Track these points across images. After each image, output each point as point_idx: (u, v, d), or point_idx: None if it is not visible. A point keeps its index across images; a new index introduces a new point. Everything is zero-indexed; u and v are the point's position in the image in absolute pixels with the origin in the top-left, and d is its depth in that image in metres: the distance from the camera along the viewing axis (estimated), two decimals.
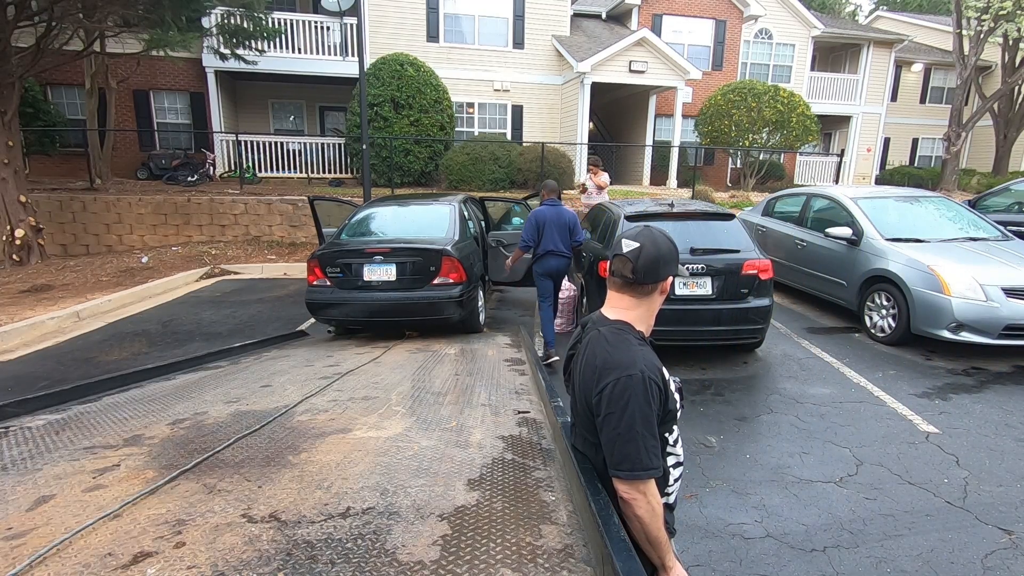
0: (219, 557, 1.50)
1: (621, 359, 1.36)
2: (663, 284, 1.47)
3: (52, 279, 8.35)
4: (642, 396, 1.32)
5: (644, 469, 1.32)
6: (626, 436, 1.32)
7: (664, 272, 1.44)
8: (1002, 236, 6.14)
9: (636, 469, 1.31)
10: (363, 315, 5.42)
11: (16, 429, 2.61)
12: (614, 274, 1.47)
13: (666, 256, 1.43)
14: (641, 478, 1.32)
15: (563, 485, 1.94)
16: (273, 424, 2.65)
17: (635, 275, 1.42)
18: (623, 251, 1.43)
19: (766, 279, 5.05)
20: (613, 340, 1.40)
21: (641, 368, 1.34)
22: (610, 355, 1.37)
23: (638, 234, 1.44)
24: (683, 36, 16.96)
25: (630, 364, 1.34)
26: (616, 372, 1.34)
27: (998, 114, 18.83)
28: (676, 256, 1.46)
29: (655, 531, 1.35)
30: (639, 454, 1.31)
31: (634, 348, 1.39)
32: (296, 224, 11.11)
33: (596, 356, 1.40)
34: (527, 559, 1.48)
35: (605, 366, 1.36)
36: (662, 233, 1.46)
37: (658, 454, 1.34)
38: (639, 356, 1.37)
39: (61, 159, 13.58)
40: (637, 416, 1.32)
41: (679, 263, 1.48)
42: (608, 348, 1.39)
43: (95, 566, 1.47)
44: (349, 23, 13.77)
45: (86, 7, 8.72)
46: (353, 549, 1.54)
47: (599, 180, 9.06)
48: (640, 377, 1.33)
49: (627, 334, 1.42)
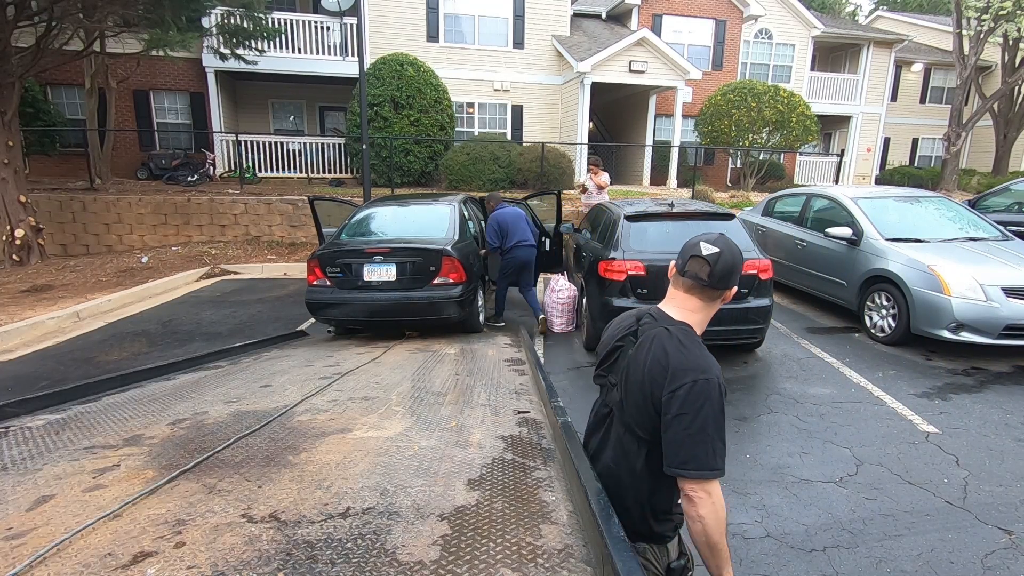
0: (219, 557, 1.50)
1: (698, 362, 1.38)
2: (728, 293, 1.49)
3: (52, 279, 8.36)
4: (717, 401, 1.36)
5: (711, 469, 1.35)
6: (698, 437, 1.35)
7: (734, 280, 1.47)
8: (1002, 236, 6.14)
9: (703, 468, 1.35)
10: (363, 315, 5.42)
11: (16, 429, 2.61)
12: (686, 275, 1.48)
13: (739, 265, 1.47)
14: (707, 478, 1.35)
15: (563, 485, 1.94)
16: (273, 424, 2.65)
17: (710, 279, 1.44)
18: (702, 253, 1.45)
19: (766, 279, 5.05)
20: (687, 342, 1.42)
21: (717, 374, 1.38)
22: (686, 356, 1.39)
23: (716, 240, 1.47)
24: (683, 36, 16.96)
25: (707, 368, 1.38)
26: (693, 374, 1.36)
27: (998, 114, 18.83)
28: (742, 268, 1.50)
29: (716, 536, 1.37)
30: (708, 455, 1.35)
31: (707, 352, 1.42)
32: (296, 224, 11.12)
33: (668, 355, 1.41)
34: (527, 559, 1.48)
35: (681, 367, 1.38)
36: (735, 243, 1.50)
37: (724, 457, 1.38)
38: (714, 361, 1.41)
39: (61, 159, 13.58)
40: (710, 419, 1.35)
41: (740, 276, 1.53)
42: (683, 349, 1.41)
43: (95, 566, 1.47)
44: (349, 23, 13.78)
45: (86, 7, 8.72)
46: (353, 549, 1.54)
47: (599, 180, 9.08)
48: (716, 382, 1.37)
49: (696, 337, 1.45)
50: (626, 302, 4.97)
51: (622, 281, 4.98)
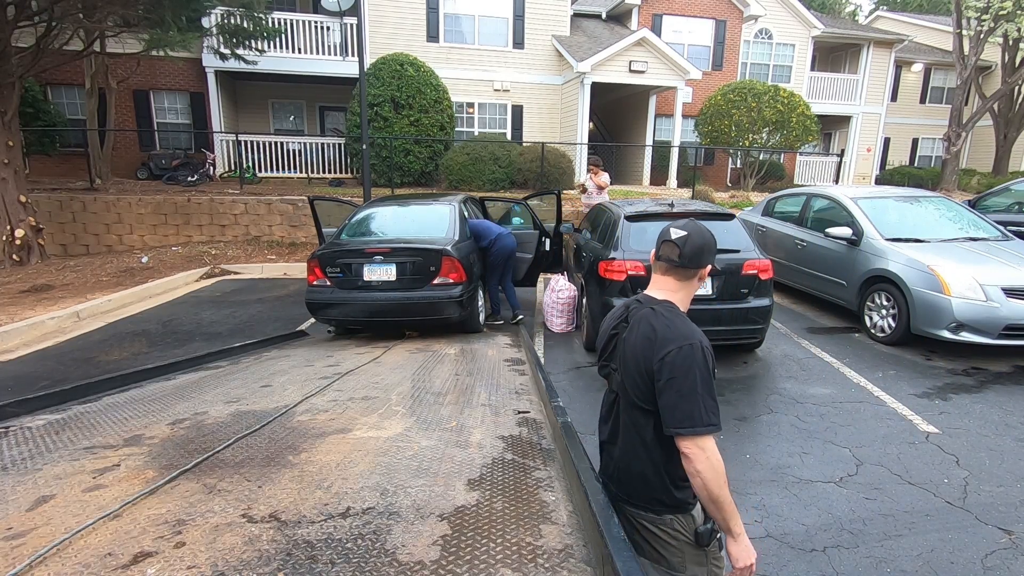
0: (219, 557, 1.50)
1: (681, 330, 1.50)
2: (702, 271, 1.61)
3: (52, 279, 8.35)
4: (702, 362, 1.47)
5: (704, 425, 1.44)
6: (689, 397, 1.44)
7: (705, 260, 1.59)
8: (1002, 236, 6.14)
9: (697, 425, 1.43)
10: (363, 315, 5.42)
11: (16, 429, 2.61)
12: (661, 258, 1.63)
13: (708, 246, 1.59)
14: (701, 433, 1.43)
15: (563, 485, 1.94)
16: (273, 424, 2.65)
17: (680, 259, 1.57)
18: (671, 237, 1.59)
19: (766, 279, 5.05)
20: (669, 315, 1.55)
21: (699, 338, 1.50)
22: (669, 327, 1.51)
23: (685, 224, 1.61)
24: (683, 36, 16.96)
25: (690, 335, 1.49)
26: (678, 341, 1.48)
27: (998, 114, 18.83)
28: (715, 249, 1.61)
29: (716, 489, 1.44)
30: (700, 412, 1.44)
31: (690, 323, 1.55)
32: (296, 224, 11.11)
33: (655, 329, 1.53)
34: (527, 559, 1.48)
35: (666, 337, 1.50)
36: (705, 227, 1.62)
37: (717, 413, 1.46)
38: (696, 329, 1.53)
39: (61, 159, 13.58)
40: (698, 379, 1.45)
41: (714, 256, 1.62)
42: (666, 321, 1.53)
43: (95, 566, 1.47)
44: (349, 23, 13.77)
45: (86, 7, 8.72)
46: (353, 549, 1.54)
47: (599, 180, 9.07)
48: (699, 346, 1.48)
49: (680, 312, 1.59)
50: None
51: (622, 281, 4.98)
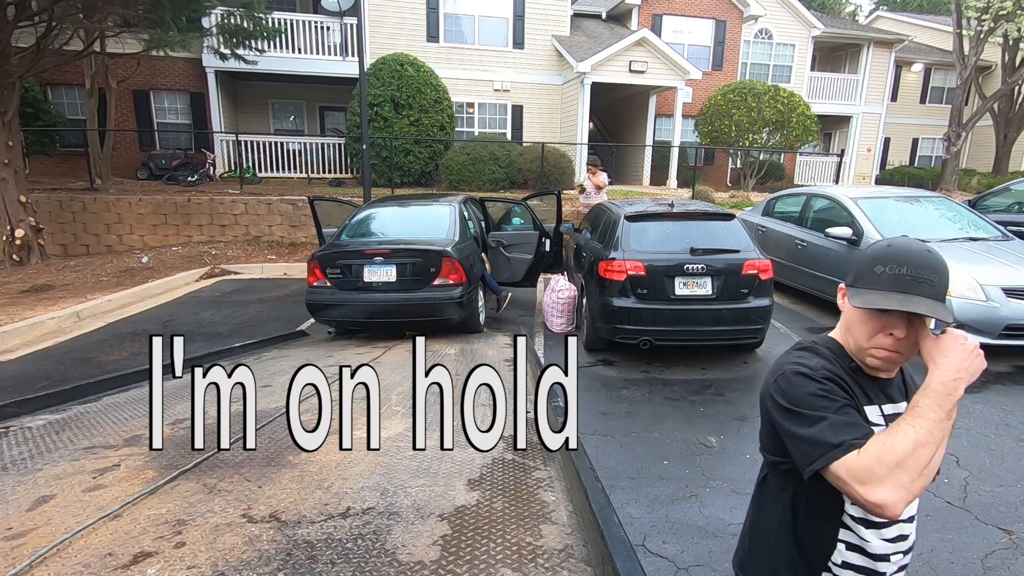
0: (219, 557, 1.50)
1: (782, 360, 1.26)
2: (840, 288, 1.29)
3: (52, 279, 8.35)
4: (800, 382, 1.16)
5: (834, 447, 1.06)
6: (800, 423, 1.12)
7: (856, 278, 1.20)
8: (1002, 236, 6.13)
9: (826, 451, 1.07)
10: (363, 316, 5.42)
11: (16, 429, 2.61)
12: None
13: (858, 261, 1.21)
14: (836, 458, 1.05)
15: (563, 485, 1.94)
16: (273, 424, 2.65)
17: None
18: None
19: (766, 279, 5.04)
20: (791, 349, 1.30)
21: (792, 362, 1.21)
22: (777, 361, 1.28)
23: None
24: (683, 36, 16.95)
25: (787, 362, 1.23)
26: (775, 373, 1.23)
27: (998, 114, 18.82)
28: (874, 267, 1.16)
29: (929, 423, 1.01)
30: (823, 436, 1.08)
31: (803, 352, 1.25)
32: (296, 224, 11.11)
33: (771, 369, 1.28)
34: (527, 559, 1.48)
35: (770, 371, 1.27)
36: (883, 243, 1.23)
37: (842, 430, 1.07)
38: (800, 356, 1.23)
39: (61, 159, 13.58)
40: (804, 404, 1.13)
41: (874, 275, 1.16)
42: (782, 356, 1.29)
43: (95, 566, 1.47)
44: (349, 23, 13.77)
45: (86, 7, 8.72)
46: (353, 549, 1.54)
47: (597, 180, 9.06)
48: (793, 368, 1.19)
49: (811, 344, 1.28)
50: (626, 302, 4.96)
51: (622, 281, 4.98)
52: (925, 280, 1.10)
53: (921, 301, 1.09)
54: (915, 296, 1.09)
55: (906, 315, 1.11)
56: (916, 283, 1.10)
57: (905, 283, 1.11)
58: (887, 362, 1.17)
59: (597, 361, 5.29)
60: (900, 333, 1.12)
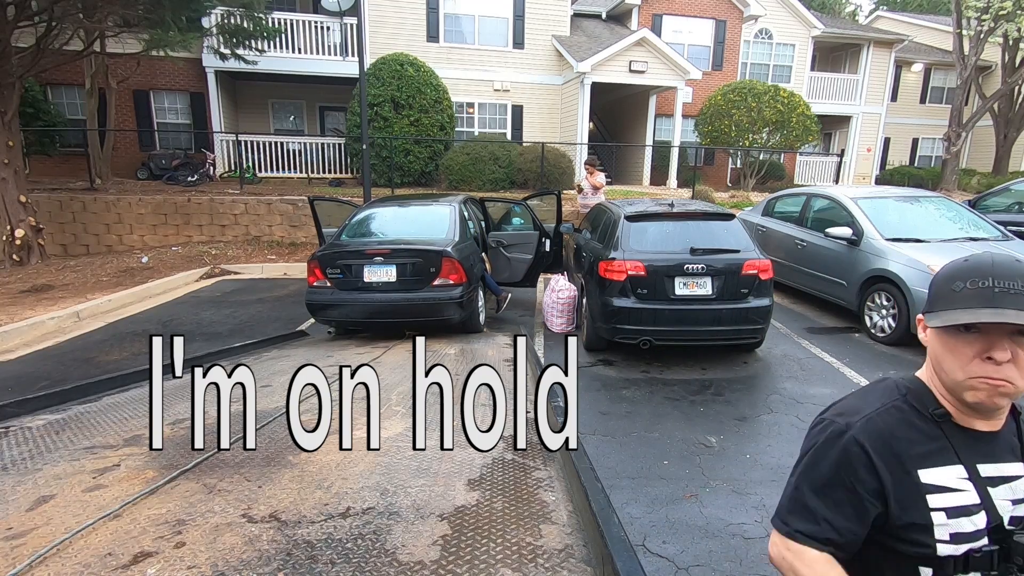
0: (219, 557, 1.50)
1: (843, 405, 1.08)
2: (919, 321, 1.06)
3: (52, 279, 8.35)
4: (821, 447, 1.03)
5: (781, 519, 1.05)
6: (795, 472, 1.07)
7: (933, 302, 1.01)
8: (1002, 236, 6.13)
9: (776, 515, 1.07)
10: (363, 316, 5.42)
11: (16, 429, 2.61)
12: None
13: (933, 285, 1.03)
14: (775, 526, 1.06)
15: (563, 485, 1.94)
16: (273, 424, 2.65)
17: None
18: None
19: (766, 279, 5.05)
20: (861, 388, 1.13)
21: (851, 422, 1.02)
22: (838, 400, 1.11)
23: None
24: (683, 36, 16.95)
25: (844, 412, 1.05)
26: (825, 415, 1.08)
27: (998, 114, 18.82)
28: (952, 284, 0.98)
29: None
30: (784, 500, 1.06)
31: (869, 397, 1.07)
32: (296, 224, 11.11)
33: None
34: (527, 559, 1.48)
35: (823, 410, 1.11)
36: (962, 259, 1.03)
37: (811, 519, 1.01)
38: (864, 406, 1.05)
39: (61, 159, 13.58)
40: (804, 463, 1.05)
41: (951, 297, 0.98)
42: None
43: (95, 566, 1.47)
44: (349, 23, 13.77)
45: (86, 7, 8.72)
46: (353, 549, 1.54)
47: (594, 180, 9.00)
48: (839, 430, 1.02)
49: (886, 385, 1.09)
50: (626, 302, 4.97)
51: (622, 281, 4.98)
52: (1019, 291, 0.91)
53: (1018, 312, 0.89)
54: (1011, 309, 0.90)
55: (1007, 333, 0.92)
56: (1008, 296, 0.91)
57: (993, 296, 0.92)
58: (993, 395, 0.94)
59: (597, 361, 5.29)
60: (1002, 355, 0.92)
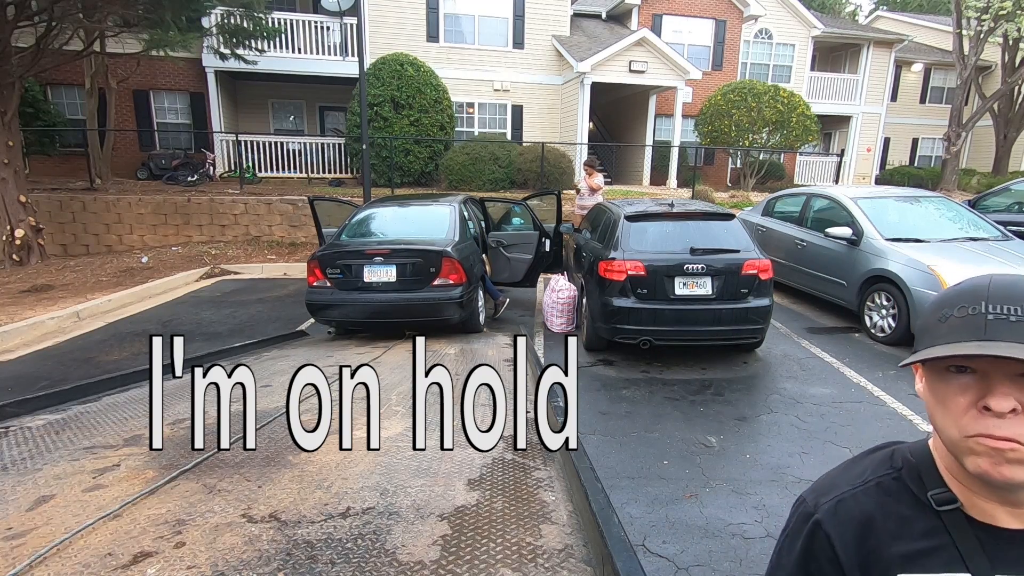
0: (219, 557, 1.50)
1: (825, 478, 0.89)
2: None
3: (52, 279, 8.35)
4: (792, 540, 0.84)
5: None
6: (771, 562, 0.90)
7: (918, 339, 0.79)
8: (1002, 236, 6.13)
9: None
10: (363, 316, 5.42)
11: (16, 429, 2.61)
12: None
13: (922, 317, 0.80)
14: None
15: (563, 485, 1.94)
16: (273, 424, 2.65)
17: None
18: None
19: (766, 279, 5.05)
20: (853, 457, 0.91)
21: (820, 503, 0.83)
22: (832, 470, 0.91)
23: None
24: (683, 36, 16.96)
25: (819, 489, 0.86)
26: (806, 490, 0.89)
27: (998, 114, 18.83)
28: (939, 312, 0.75)
29: None
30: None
31: (854, 469, 0.86)
32: (296, 224, 11.11)
33: None
34: (527, 559, 1.48)
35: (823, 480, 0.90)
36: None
37: None
38: (841, 483, 0.84)
39: (61, 159, 13.58)
40: (775, 555, 0.89)
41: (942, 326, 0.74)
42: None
43: (95, 566, 1.47)
44: (349, 23, 13.77)
45: (86, 7, 8.72)
46: (353, 549, 1.54)
47: (592, 182, 8.93)
48: (806, 512, 0.83)
49: (881, 455, 0.86)
50: (626, 302, 4.97)
51: (622, 281, 4.98)
52: (1021, 319, 0.68)
53: (1014, 346, 0.66)
54: (1006, 342, 0.67)
55: (1009, 375, 0.68)
56: (1005, 324, 0.68)
57: (986, 325, 0.69)
58: (999, 463, 0.68)
59: (597, 361, 5.29)
60: (1001, 403, 0.68)
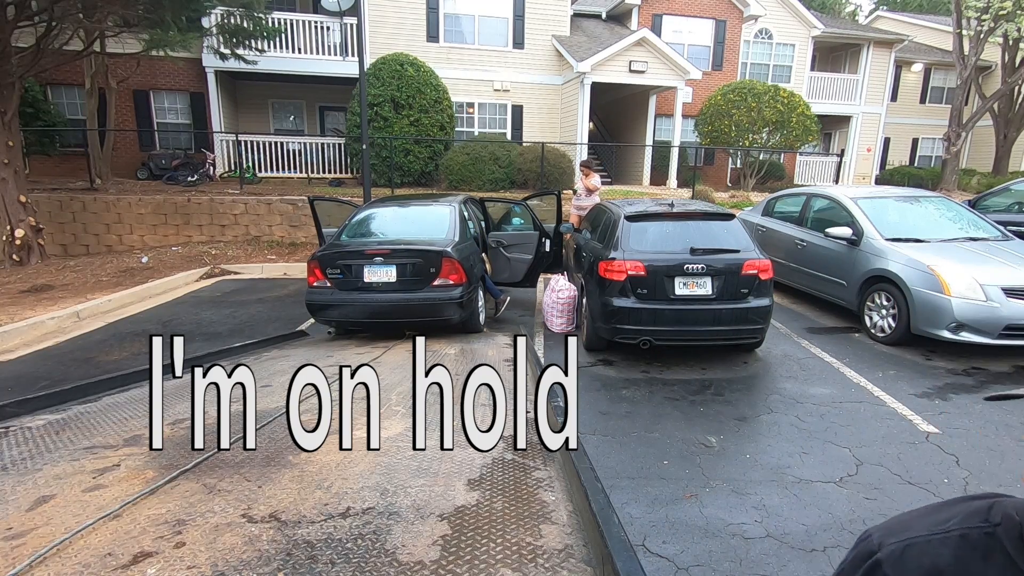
0: (219, 557, 1.50)
1: (903, 516, 0.73)
2: None
3: (52, 279, 8.35)
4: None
5: None
6: None
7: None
8: (1002, 236, 6.14)
9: None
10: (363, 316, 5.42)
11: (16, 429, 2.61)
12: None
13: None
14: None
15: (563, 485, 1.94)
16: (273, 424, 2.65)
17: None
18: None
19: (766, 279, 5.05)
20: (943, 500, 0.73)
21: (886, 542, 0.68)
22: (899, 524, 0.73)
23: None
24: (683, 36, 16.96)
25: (892, 528, 0.71)
26: (873, 526, 0.73)
27: (998, 114, 18.83)
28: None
29: None
30: None
31: (939, 514, 0.69)
32: (296, 224, 11.11)
33: None
34: (527, 559, 1.48)
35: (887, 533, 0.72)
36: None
37: None
38: (918, 525, 0.68)
39: (61, 159, 13.58)
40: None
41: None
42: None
43: (95, 566, 1.47)
44: (349, 23, 13.77)
45: (86, 7, 8.72)
46: (353, 549, 1.54)
47: (589, 183, 8.90)
48: (868, 550, 0.69)
49: (978, 505, 0.67)
50: (626, 302, 4.97)
51: (622, 281, 4.98)
52: None
53: None
54: None
55: None
56: None
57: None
58: None
59: (597, 361, 5.29)
60: None
